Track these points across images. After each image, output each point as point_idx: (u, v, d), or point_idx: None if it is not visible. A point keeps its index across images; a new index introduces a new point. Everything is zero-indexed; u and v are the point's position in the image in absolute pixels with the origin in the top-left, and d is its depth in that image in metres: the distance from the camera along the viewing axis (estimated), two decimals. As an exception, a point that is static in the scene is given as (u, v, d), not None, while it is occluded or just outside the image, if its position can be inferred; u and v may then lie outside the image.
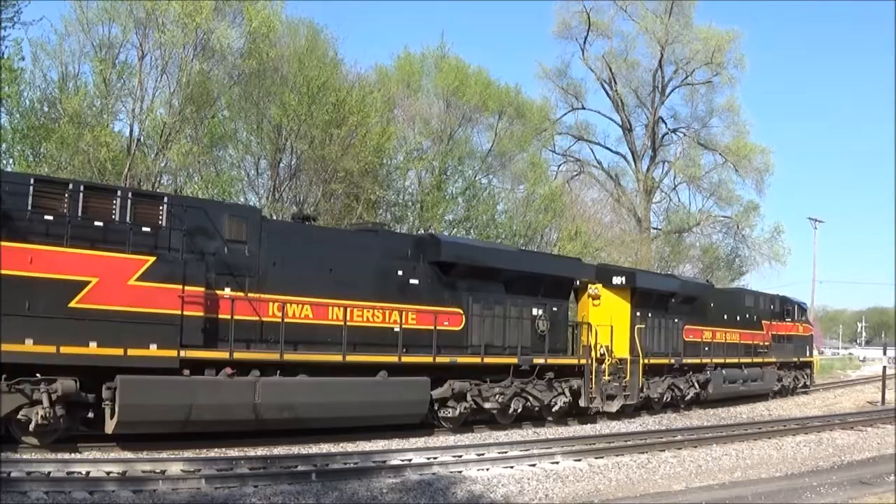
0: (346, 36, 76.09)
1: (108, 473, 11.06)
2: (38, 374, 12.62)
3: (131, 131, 25.92)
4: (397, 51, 45.47)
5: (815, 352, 39.56)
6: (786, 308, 33.00)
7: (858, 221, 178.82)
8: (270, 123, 28.75)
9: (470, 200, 36.19)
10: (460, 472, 13.02)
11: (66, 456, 12.33)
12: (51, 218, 12.84)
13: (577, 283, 22.32)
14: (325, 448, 15.11)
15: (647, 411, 23.88)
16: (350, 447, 15.33)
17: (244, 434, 14.81)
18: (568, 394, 20.57)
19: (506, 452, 14.86)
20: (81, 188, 13.50)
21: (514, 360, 19.01)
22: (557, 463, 14.32)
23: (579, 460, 14.65)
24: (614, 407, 21.75)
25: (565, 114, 51.44)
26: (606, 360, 21.61)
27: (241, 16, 27.86)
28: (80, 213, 13.15)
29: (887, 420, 22.78)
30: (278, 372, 15.13)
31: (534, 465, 13.97)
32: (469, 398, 18.18)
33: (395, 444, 16.13)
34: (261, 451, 14.24)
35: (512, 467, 13.69)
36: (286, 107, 27.94)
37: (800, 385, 34.68)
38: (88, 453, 12.85)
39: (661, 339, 24.18)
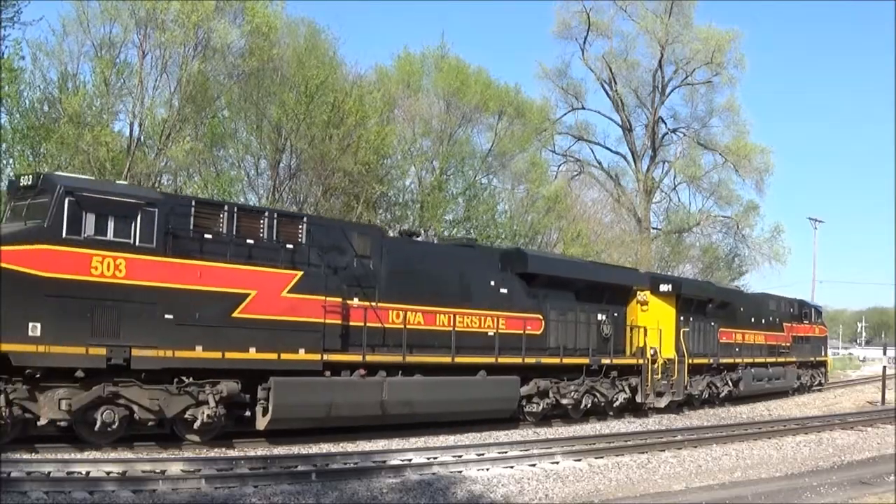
0: (346, 36, 76.15)
1: (108, 473, 11.05)
2: (188, 378, 13.88)
3: (131, 131, 25.95)
4: (397, 51, 45.51)
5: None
6: (804, 311, 35.29)
7: (858, 221, 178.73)
8: (270, 123, 28.77)
9: (470, 200, 36.21)
10: (460, 472, 13.02)
11: (66, 456, 12.33)
12: (210, 236, 14.30)
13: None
14: (325, 448, 15.12)
15: (687, 406, 25.71)
16: (350, 447, 15.33)
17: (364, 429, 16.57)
18: (627, 391, 22.74)
19: (506, 452, 14.86)
20: (235, 209, 15.14)
21: (585, 361, 21.19)
22: (557, 463, 14.31)
23: (579, 460, 14.64)
24: (663, 402, 23.90)
25: (565, 114, 51.50)
26: (658, 361, 23.71)
27: (242, 16, 27.88)
28: (234, 232, 14.62)
29: (887, 420, 22.77)
30: (399, 372, 16.83)
31: (534, 465, 13.96)
32: (551, 395, 20.33)
33: (395, 444, 16.13)
34: (261, 451, 14.24)
35: (512, 467, 13.69)
36: (285, 106, 27.96)
37: (815, 383, 36.42)
38: (88, 453, 12.85)
39: (700, 341, 26.20)
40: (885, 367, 34.18)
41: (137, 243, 13.37)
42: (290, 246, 15.29)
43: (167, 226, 13.66)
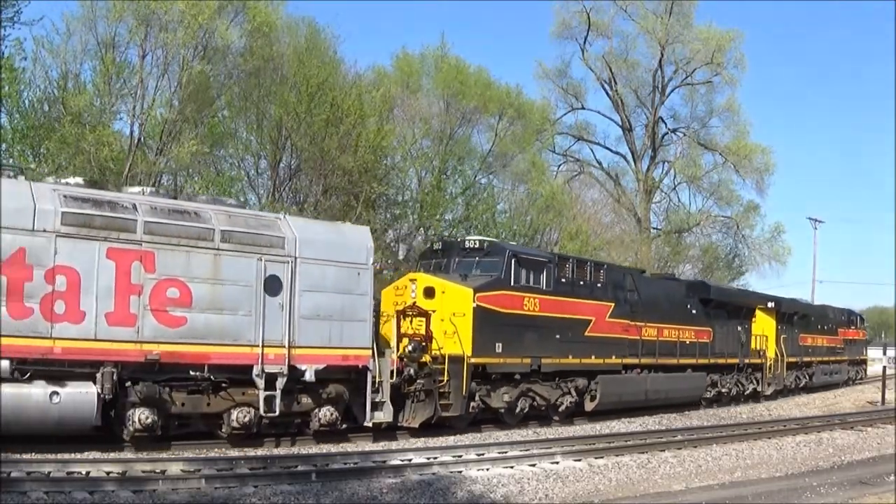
0: (345, 35, 75.67)
1: (108, 473, 11.05)
2: (517, 376, 19.34)
3: (132, 131, 25.94)
4: (397, 51, 45.43)
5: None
6: (851, 318, 42.87)
7: (858, 221, 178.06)
8: (270, 122, 28.78)
9: (470, 200, 36.20)
10: (460, 472, 13.01)
11: (67, 456, 12.33)
12: (565, 280, 20.79)
13: None
14: (325, 448, 15.13)
15: (780, 395, 32.54)
16: (350, 447, 15.34)
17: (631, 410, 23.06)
18: (755, 382, 30.29)
19: (506, 452, 14.85)
20: (574, 261, 21.89)
21: (736, 361, 28.87)
22: (557, 463, 14.30)
23: (579, 460, 14.62)
24: (770, 391, 31.42)
25: (565, 114, 51.46)
26: (769, 360, 31.19)
27: (242, 15, 27.86)
28: (574, 276, 21.15)
29: (887, 420, 22.76)
30: (651, 370, 23.67)
31: (534, 465, 13.95)
32: (718, 385, 27.63)
33: (395, 444, 16.15)
34: (261, 452, 14.25)
35: (512, 467, 13.68)
36: (286, 105, 27.97)
37: (858, 377, 43.36)
38: (88, 453, 12.85)
39: (790, 345, 33.14)
40: (885, 367, 34.29)
41: (544, 287, 19.92)
42: (599, 285, 21.92)
43: (555, 275, 20.26)
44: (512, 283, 19.00)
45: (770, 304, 32.15)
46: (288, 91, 28.29)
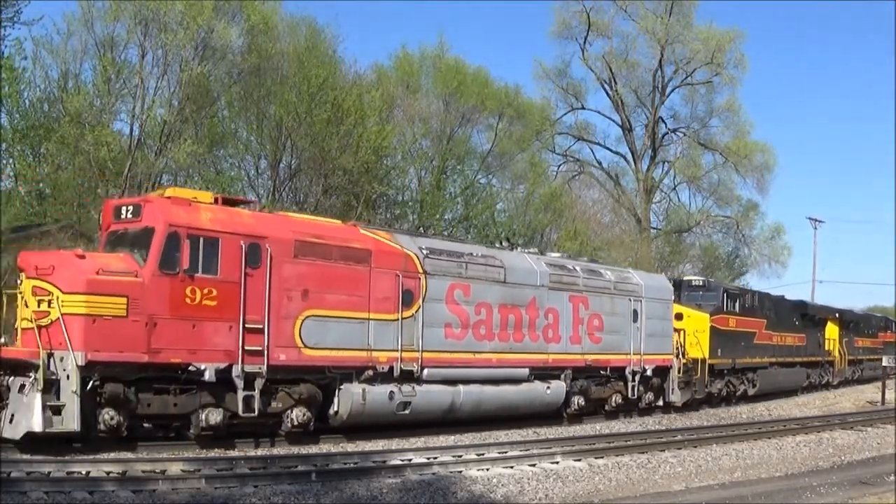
0: (345, 34, 75.61)
1: (108, 473, 11.04)
2: (725, 371, 27.32)
3: (131, 131, 25.94)
4: (397, 51, 45.45)
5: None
6: (887, 324, 50.95)
7: (858, 221, 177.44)
8: (271, 122, 28.78)
9: (469, 199, 36.20)
10: (460, 472, 12.99)
11: (67, 456, 12.32)
12: (744, 304, 29.14)
13: None
14: (325, 448, 15.12)
15: (841, 385, 40.05)
16: (350, 447, 15.33)
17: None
18: (829, 375, 38.17)
19: (506, 452, 14.82)
20: (748, 292, 31.47)
21: (819, 359, 36.83)
22: (557, 463, 14.27)
23: (579, 460, 14.60)
24: (836, 381, 38.99)
25: (565, 114, 51.50)
26: (836, 358, 39.11)
27: (240, 14, 27.88)
28: (749, 302, 29.64)
29: (887, 420, 22.75)
30: (778, 367, 31.68)
31: (534, 465, 13.92)
32: (809, 377, 35.37)
33: (395, 444, 16.12)
34: (261, 452, 14.24)
35: (512, 467, 13.65)
36: (287, 104, 27.97)
37: (894, 372, 49.02)
38: (88, 454, 12.82)
39: (848, 347, 41.36)
40: (885, 368, 34.24)
41: (737, 311, 28.36)
42: (756, 306, 30.10)
43: (742, 302, 29.00)
44: (724, 309, 27.54)
45: (836, 315, 40.12)
46: (288, 91, 28.31)
